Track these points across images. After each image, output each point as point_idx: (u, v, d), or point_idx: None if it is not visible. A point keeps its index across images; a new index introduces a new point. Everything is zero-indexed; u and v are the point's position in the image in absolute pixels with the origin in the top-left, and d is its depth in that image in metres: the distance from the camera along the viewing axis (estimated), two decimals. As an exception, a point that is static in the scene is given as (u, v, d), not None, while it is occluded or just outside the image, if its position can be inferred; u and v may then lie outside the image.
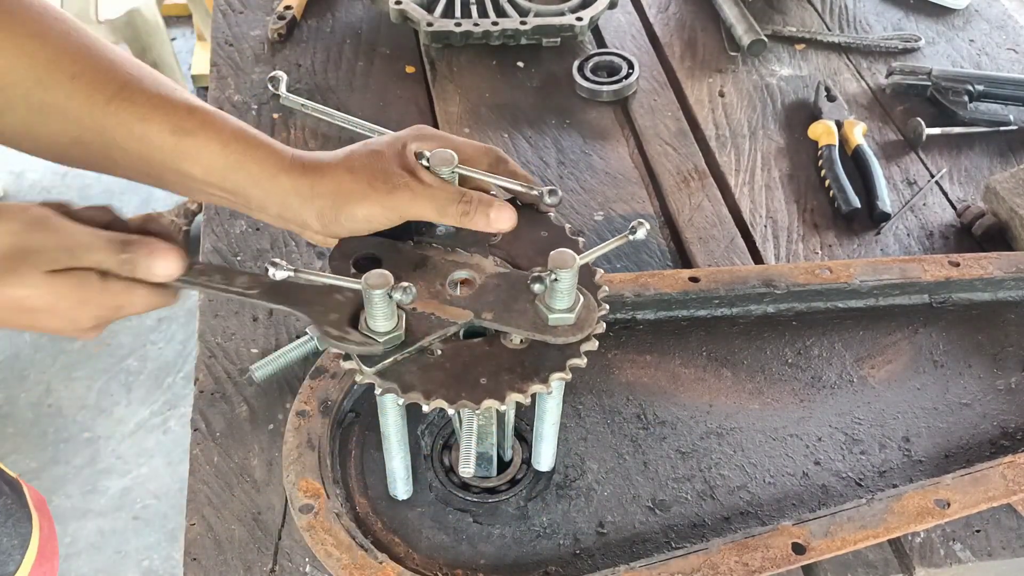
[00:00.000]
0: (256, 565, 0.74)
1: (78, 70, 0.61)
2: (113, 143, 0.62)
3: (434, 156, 0.64)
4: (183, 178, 0.64)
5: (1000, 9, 1.37)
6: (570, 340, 0.60)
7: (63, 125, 0.62)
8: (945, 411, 0.85)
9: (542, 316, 0.60)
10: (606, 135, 1.15)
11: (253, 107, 1.15)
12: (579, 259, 0.58)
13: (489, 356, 0.60)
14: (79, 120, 0.62)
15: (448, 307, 0.61)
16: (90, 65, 0.61)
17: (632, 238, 0.60)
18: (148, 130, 0.62)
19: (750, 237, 1.03)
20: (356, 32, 1.28)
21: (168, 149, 0.63)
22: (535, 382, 0.59)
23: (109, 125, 0.62)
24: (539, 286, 0.58)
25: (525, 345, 0.61)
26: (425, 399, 0.58)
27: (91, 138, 0.62)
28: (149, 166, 0.64)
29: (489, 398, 0.58)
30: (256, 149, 0.64)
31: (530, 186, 0.66)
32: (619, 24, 1.32)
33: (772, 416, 0.83)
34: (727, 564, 0.69)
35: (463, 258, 0.65)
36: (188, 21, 3.05)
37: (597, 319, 0.61)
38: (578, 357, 0.60)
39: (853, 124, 1.14)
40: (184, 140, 0.62)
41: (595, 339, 0.61)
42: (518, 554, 0.73)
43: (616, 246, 0.61)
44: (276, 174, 0.64)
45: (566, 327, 0.60)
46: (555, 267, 0.57)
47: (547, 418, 0.70)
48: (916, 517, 0.73)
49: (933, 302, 0.92)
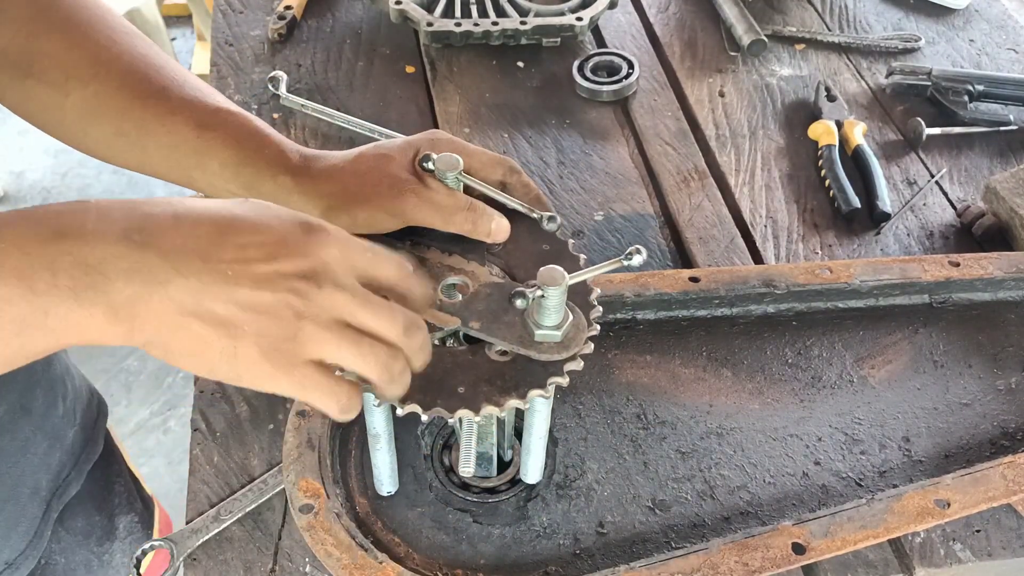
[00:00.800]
0: (256, 565, 0.74)
1: (131, 69, 0.67)
2: (148, 136, 0.67)
3: (439, 160, 0.64)
4: (204, 173, 0.67)
5: (1000, 9, 1.37)
6: (554, 358, 0.59)
7: (110, 116, 0.67)
8: (945, 411, 0.85)
9: (529, 331, 0.59)
10: (606, 135, 1.15)
11: (253, 107, 1.15)
12: (568, 278, 0.57)
13: (471, 365, 0.59)
14: (123, 112, 0.67)
15: (436, 312, 0.60)
16: (142, 67, 0.68)
17: (627, 264, 0.59)
18: (176, 123, 0.66)
19: (750, 237, 1.03)
20: (356, 32, 1.28)
21: (191, 142, 0.66)
22: (513, 396, 0.58)
23: (147, 118, 0.67)
24: (521, 301, 0.57)
25: (509, 358, 0.60)
26: (400, 403, 0.57)
27: (130, 129, 0.67)
28: (176, 160, 0.67)
29: (464, 408, 0.57)
30: (267, 147, 0.66)
31: (531, 209, 0.65)
32: (619, 24, 1.32)
33: (772, 416, 0.83)
34: (727, 564, 0.69)
35: (459, 264, 0.64)
36: (188, 21, 3.05)
37: (585, 339, 0.60)
38: (561, 376, 0.59)
39: (853, 124, 1.14)
40: (205, 134, 0.66)
41: (581, 359, 0.60)
42: (518, 554, 0.73)
43: (609, 270, 0.59)
44: (280, 172, 0.65)
45: (551, 344, 0.59)
46: (543, 283, 0.56)
47: (534, 431, 0.69)
48: (916, 517, 0.73)
49: (933, 302, 0.92)
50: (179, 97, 0.67)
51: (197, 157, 0.67)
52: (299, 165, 0.66)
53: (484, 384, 0.58)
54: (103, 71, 0.67)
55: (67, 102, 0.67)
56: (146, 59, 0.69)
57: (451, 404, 0.57)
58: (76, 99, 0.67)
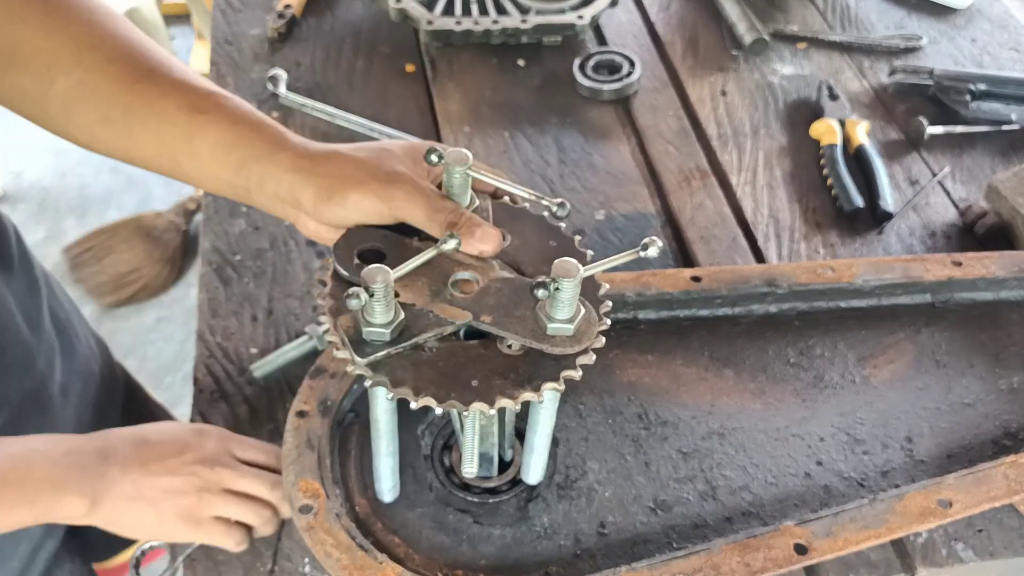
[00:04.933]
0: (255, 566, 0.74)
1: (115, 55, 0.66)
2: (135, 121, 0.66)
3: (449, 154, 0.64)
4: (192, 158, 0.66)
5: (1002, 8, 1.37)
6: (567, 351, 0.59)
7: (95, 102, 0.67)
8: (947, 411, 0.84)
9: (541, 324, 0.59)
10: (607, 134, 1.15)
11: (253, 105, 1.15)
12: (583, 270, 0.57)
13: (483, 359, 0.59)
14: (109, 98, 0.66)
15: (447, 306, 0.60)
16: (126, 51, 0.67)
17: (643, 255, 0.58)
18: (166, 107, 0.66)
19: (752, 236, 1.02)
20: (356, 31, 1.28)
21: (182, 125, 0.66)
22: (527, 390, 0.58)
23: (134, 103, 0.66)
24: (543, 291, 0.57)
25: (521, 352, 0.60)
26: (414, 395, 0.57)
27: (117, 116, 0.67)
28: (164, 144, 0.67)
29: (479, 401, 0.57)
30: (263, 128, 0.66)
31: (540, 197, 0.65)
32: (620, 22, 1.32)
33: (774, 416, 0.83)
34: (729, 564, 0.69)
35: (468, 259, 0.64)
36: (187, 20, 3.04)
37: (597, 333, 0.60)
38: (573, 369, 0.59)
39: (855, 123, 1.13)
40: (197, 117, 0.66)
41: (592, 353, 0.60)
42: (519, 555, 0.73)
43: (624, 262, 0.59)
44: (278, 150, 0.65)
45: (564, 337, 0.59)
46: (558, 276, 0.56)
47: (539, 429, 0.69)
48: (918, 517, 0.72)
49: (936, 302, 0.92)
50: (168, 80, 0.67)
51: (187, 140, 0.66)
52: (297, 144, 0.66)
53: (497, 378, 0.58)
54: (87, 57, 0.66)
55: (51, 90, 0.67)
56: (130, 42, 0.68)
57: (465, 397, 0.57)
58: (60, 87, 0.67)
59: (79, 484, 0.69)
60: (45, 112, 0.68)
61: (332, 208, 0.63)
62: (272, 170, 0.65)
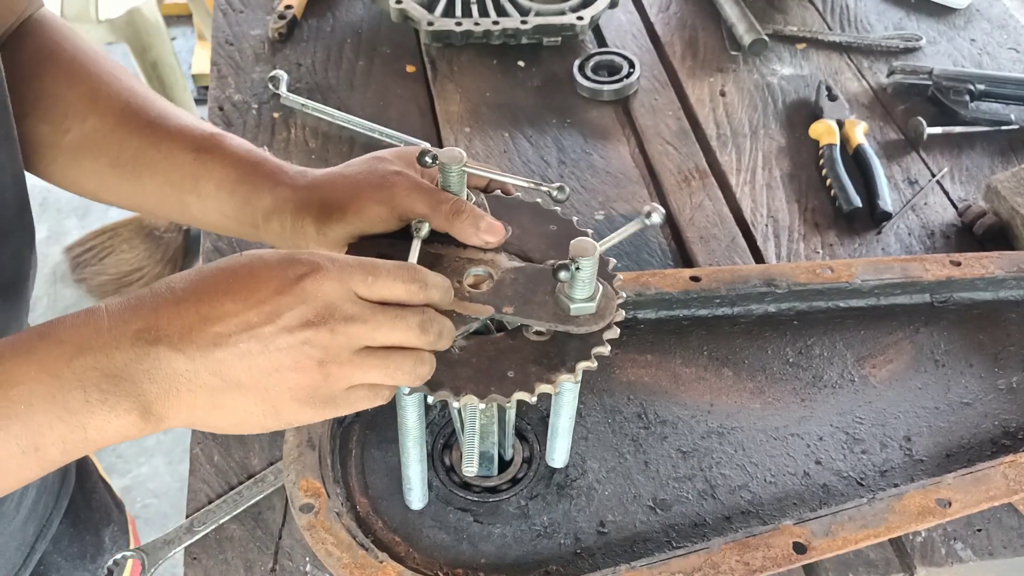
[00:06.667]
0: (256, 564, 0.74)
1: (125, 103, 0.71)
2: (144, 164, 0.70)
3: (443, 153, 0.64)
4: (199, 197, 0.69)
5: (1001, 8, 1.37)
6: (592, 329, 0.60)
7: (106, 147, 0.70)
8: (946, 410, 0.85)
9: (563, 307, 0.60)
10: (607, 134, 1.15)
11: (253, 106, 1.15)
12: (599, 246, 0.58)
13: (513, 350, 0.60)
14: (120, 143, 0.70)
15: (468, 303, 0.61)
16: (134, 100, 0.71)
17: (648, 223, 0.60)
18: (173, 148, 0.69)
19: (751, 236, 1.03)
20: (356, 31, 1.28)
21: (188, 165, 0.69)
22: (562, 372, 0.59)
23: (142, 146, 0.69)
24: (565, 273, 0.58)
25: (547, 337, 0.61)
26: (455, 395, 0.58)
27: (127, 160, 0.70)
28: (171, 185, 0.70)
29: (519, 390, 0.58)
30: (264, 164, 0.69)
31: (538, 184, 0.66)
32: (620, 23, 1.32)
33: (773, 415, 0.83)
34: (728, 563, 0.69)
35: (477, 255, 0.65)
36: (188, 20, 3.05)
37: (616, 306, 0.61)
38: (602, 345, 0.60)
39: (854, 123, 1.14)
40: (201, 156, 0.69)
41: (616, 328, 0.61)
42: (519, 553, 0.73)
43: (633, 232, 0.61)
44: (277, 184, 0.68)
45: (588, 316, 0.60)
46: (576, 255, 0.58)
47: (564, 412, 0.70)
48: (917, 516, 0.73)
49: (934, 301, 0.92)
50: (175, 125, 0.70)
51: (193, 180, 0.69)
52: (296, 175, 0.68)
53: (532, 365, 0.59)
54: (101, 106, 0.70)
55: (64, 139, 0.70)
56: (136, 93, 0.72)
57: (505, 389, 0.58)
58: (74, 135, 0.70)
59: (105, 404, 0.49)
60: (55, 161, 0.71)
61: (333, 227, 0.65)
62: (274, 205, 0.67)
